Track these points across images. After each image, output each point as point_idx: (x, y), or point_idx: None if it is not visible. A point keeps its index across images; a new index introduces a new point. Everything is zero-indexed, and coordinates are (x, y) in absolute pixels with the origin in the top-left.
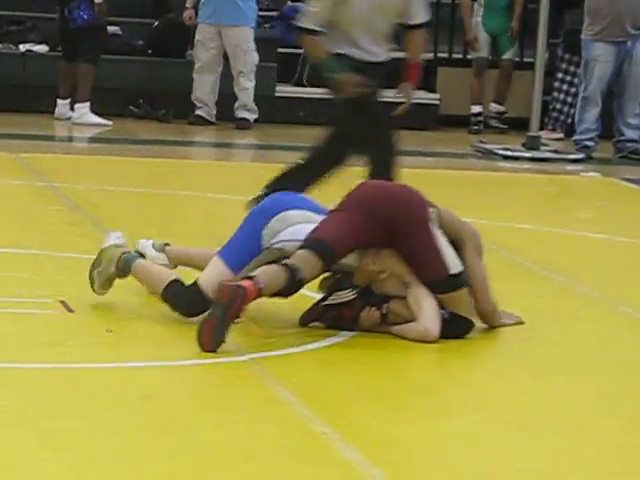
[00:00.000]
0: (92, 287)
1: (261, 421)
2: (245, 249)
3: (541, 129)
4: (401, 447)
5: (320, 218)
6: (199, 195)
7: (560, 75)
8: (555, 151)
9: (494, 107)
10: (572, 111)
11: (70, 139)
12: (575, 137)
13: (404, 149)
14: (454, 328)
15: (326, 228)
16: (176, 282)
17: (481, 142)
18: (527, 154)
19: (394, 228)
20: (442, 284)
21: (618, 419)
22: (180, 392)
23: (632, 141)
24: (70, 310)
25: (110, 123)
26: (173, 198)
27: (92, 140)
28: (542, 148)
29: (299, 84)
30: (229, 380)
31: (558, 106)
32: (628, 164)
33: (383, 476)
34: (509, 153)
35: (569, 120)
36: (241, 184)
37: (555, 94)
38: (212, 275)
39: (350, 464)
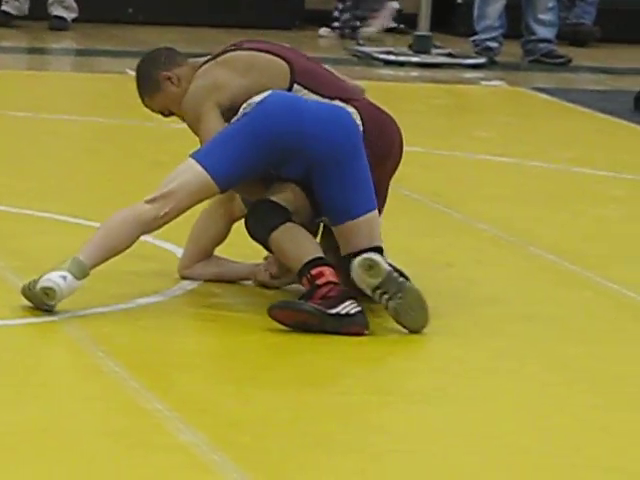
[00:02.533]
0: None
1: (77, 396)
2: None
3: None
4: (253, 427)
5: None
6: (2, 114)
7: None
8: (450, 54)
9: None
10: None
11: None
12: (474, 37)
13: None
14: None
15: None
16: None
17: (358, 44)
18: (415, 58)
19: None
20: None
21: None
22: None
23: (545, 41)
24: None
25: None
26: None
27: None
28: (434, 51)
29: None
30: (36, 345)
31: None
32: (540, 70)
33: (230, 462)
34: (392, 57)
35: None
36: (57, 100)
37: None
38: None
39: (190, 448)
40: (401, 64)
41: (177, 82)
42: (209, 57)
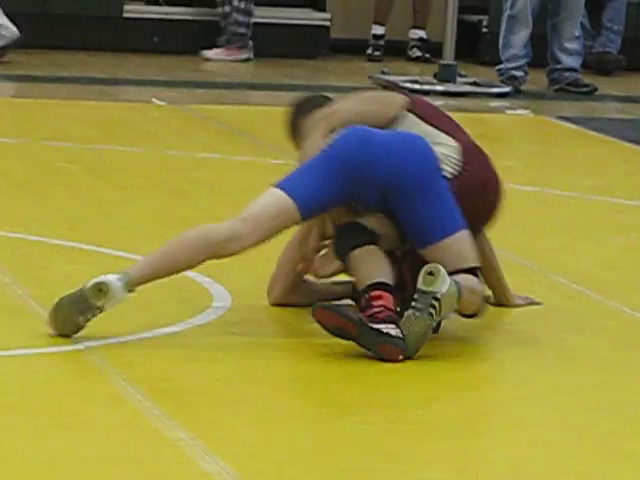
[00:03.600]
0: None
1: (100, 425)
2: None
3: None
4: (275, 456)
5: None
6: (24, 142)
7: None
8: (475, 83)
9: (414, 33)
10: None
11: None
12: (500, 66)
13: (286, 83)
14: None
15: None
16: None
17: (382, 73)
18: (440, 87)
19: None
20: None
21: None
22: None
23: (570, 70)
24: None
25: None
26: None
27: None
28: (459, 80)
29: (153, 2)
30: (60, 374)
31: (242, 18)
32: (565, 99)
33: None
34: (417, 86)
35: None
36: (78, 128)
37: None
38: None
39: (212, 477)
40: (426, 93)
41: None
42: None
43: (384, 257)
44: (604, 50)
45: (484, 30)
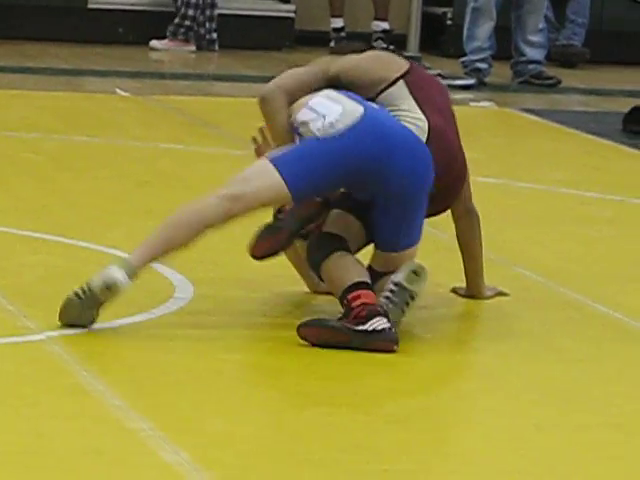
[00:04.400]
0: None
1: (60, 416)
2: None
3: (162, 38)
4: (236, 446)
5: None
6: None
7: None
8: (439, 75)
9: (377, 25)
10: (201, 17)
11: None
12: (464, 58)
13: (251, 75)
14: None
15: None
16: None
17: None
18: None
19: None
20: None
21: None
22: None
23: (535, 62)
24: None
25: None
26: None
27: None
28: None
29: None
30: (20, 364)
31: (190, 12)
32: (529, 91)
33: None
34: None
35: (202, 30)
36: (42, 118)
37: None
38: None
39: (175, 467)
40: None
41: None
42: None
43: (353, 258)
44: (568, 43)
45: (448, 22)
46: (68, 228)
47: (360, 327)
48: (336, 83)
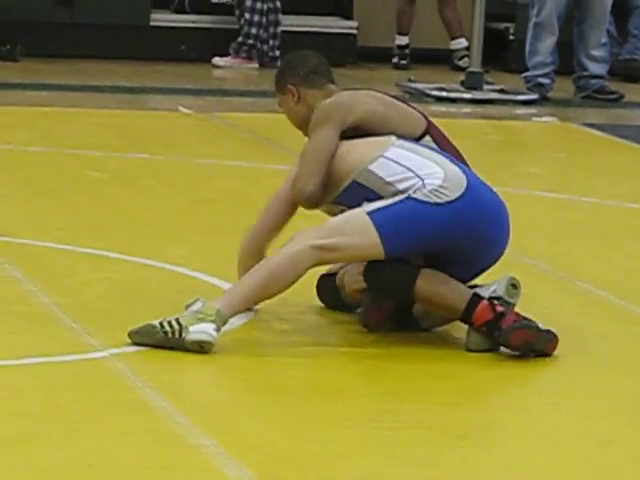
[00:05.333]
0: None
1: (124, 432)
2: None
3: (225, 55)
4: (300, 463)
5: None
6: (51, 151)
7: None
8: (502, 91)
9: (458, 43)
10: (264, 35)
11: None
12: (526, 73)
13: None
14: None
15: None
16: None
17: (410, 80)
18: (467, 95)
19: None
20: None
21: None
22: (22, 397)
23: (597, 77)
24: None
25: None
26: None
27: None
28: (486, 87)
29: (180, 11)
30: (84, 381)
31: (254, 30)
32: (592, 106)
33: None
34: (444, 94)
35: (265, 47)
36: (105, 137)
37: (248, 16)
38: None
39: None
40: (453, 100)
41: (297, 101)
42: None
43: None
44: (631, 57)
45: (511, 37)
46: (130, 245)
47: (542, 327)
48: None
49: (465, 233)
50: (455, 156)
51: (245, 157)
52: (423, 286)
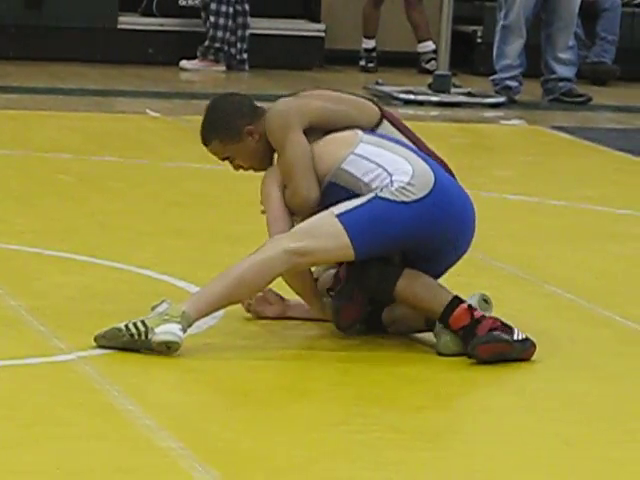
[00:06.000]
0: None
1: (92, 435)
2: None
3: (192, 58)
4: (267, 465)
5: None
6: (19, 154)
7: None
8: (469, 94)
9: (426, 46)
10: (232, 38)
11: None
12: (494, 76)
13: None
14: None
15: None
16: None
17: (377, 83)
18: (434, 98)
19: None
20: None
21: None
22: None
23: (565, 80)
24: None
25: None
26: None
27: None
28: (453, 90)
29: (147, 14)
30: (52, 385)
31: (219, 34)
32: (560, 108)
33: None
34: (412, 97)
35: (233, 50)
36: (73, 139)
37: (213, 19)
38: None
39: None
40: (420, 103)
41: (258, 138)
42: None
43: (424, 275)
44: (598, 60)
45: (478, 40)
46: (98, 248)
47: (516, 337)
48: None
49: (432, 231)
50: (415, 141)
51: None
52: (404, 286)
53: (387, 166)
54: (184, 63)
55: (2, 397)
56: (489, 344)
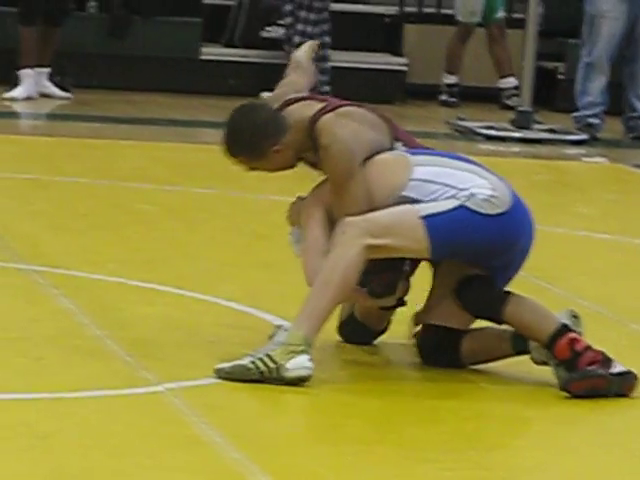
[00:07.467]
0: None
1: (180, 468)
2: None
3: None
4: None
5: None
6: (105, 184)
7: None
8: (551, 130)
9: (508, 82)
10: None
11: None
12: (576, 113)
13: None
14: None
15: None
16: None
17: (459, 118)
18: (516, 134)
19: None
20: None
21: None
22: (79, 431)
23: None
24: None
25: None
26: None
27: None
28: (535, 127)
29: (230, 45)
30: (140, 416)
31: None
32: None
33: None
34: (494, 132)
35: None
36: (157, 169)
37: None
38: None
39: None
40: (502, 139)
41: (284, 153)
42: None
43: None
44: None
45: (560, 77)
46: (183, 279)
47: (614, 370)
48: None
49: (509, 245)
50: (417, 147)
51: (295, 192)
52: (511, 313)
53: (454, 183)
54: (265, 95)
55: (91, 427)
56: (583, 380)
